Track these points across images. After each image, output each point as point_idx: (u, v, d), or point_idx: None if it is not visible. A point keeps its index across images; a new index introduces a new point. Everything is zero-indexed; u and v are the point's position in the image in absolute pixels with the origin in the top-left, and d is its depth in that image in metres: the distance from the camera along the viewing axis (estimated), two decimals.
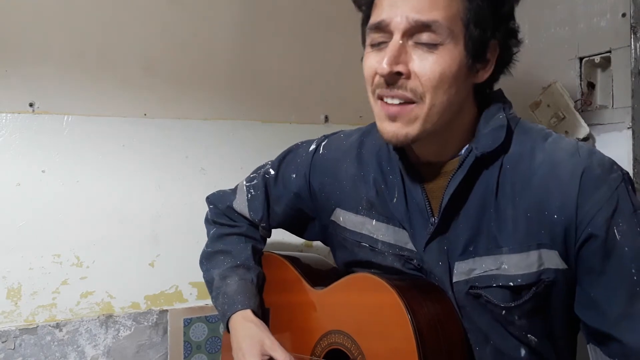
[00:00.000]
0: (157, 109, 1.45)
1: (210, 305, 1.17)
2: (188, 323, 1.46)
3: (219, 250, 1.19)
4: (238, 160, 1.54)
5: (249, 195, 1.20)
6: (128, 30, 1.41)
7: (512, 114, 0.93)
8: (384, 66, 0.83)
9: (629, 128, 1.38)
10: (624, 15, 1.39)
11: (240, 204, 1.21)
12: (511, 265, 0.87)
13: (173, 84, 1.46)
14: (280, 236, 1.35)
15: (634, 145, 1.36)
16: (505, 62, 0.93)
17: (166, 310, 1.44)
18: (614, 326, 0.83)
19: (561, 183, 0.85)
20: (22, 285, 1.30)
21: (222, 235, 1.21)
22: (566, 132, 1.47)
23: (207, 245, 1.23)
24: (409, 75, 0.84)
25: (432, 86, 0.84)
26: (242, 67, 1.55)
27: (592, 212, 0.83)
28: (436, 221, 0.93)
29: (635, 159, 1.36)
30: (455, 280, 0.92)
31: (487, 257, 0.89)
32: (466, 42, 0.85)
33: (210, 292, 1.16)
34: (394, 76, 0.84)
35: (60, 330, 1.33)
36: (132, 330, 1.40)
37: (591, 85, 1.50)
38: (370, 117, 0.93)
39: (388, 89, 0.86)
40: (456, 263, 0.92)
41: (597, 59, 1.45)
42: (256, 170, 1.24)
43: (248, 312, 1.08)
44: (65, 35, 1.34)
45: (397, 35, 0.84)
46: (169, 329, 1.44)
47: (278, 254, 1.22)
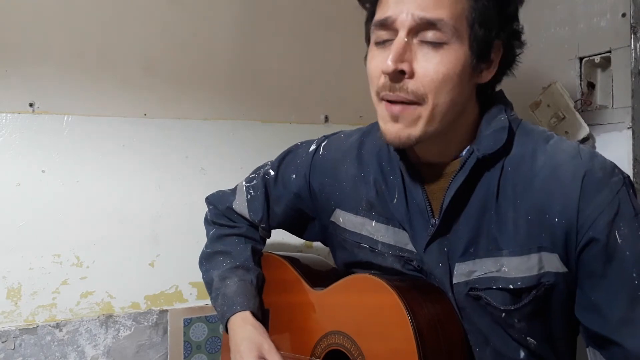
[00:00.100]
0: (157, 109, 1.45)
1: (210, 305, 1.17)
2: (188, 323, 1.46)
3: (218, 251, 1.19)
4: (238, 160, 1.53)
5: (249, 196, 1.20)
6: (128, 30, 1.41)
7: (513, 116, 0.93)
8: (389, 63, 0.83)
9: (629, 128, 1.38)
10: (624, 15, 1.39)
11: (240, 205, 1.20)
12: (511, 268, 0.87)
13: (173, 84, 1.46)
14: (280, 237, 1.35)
15: (634, 145, 1.36)
16: (508, 63, 0.93)
17: (166, 310, 1.44)
18: (615, 330, 0.83)
19: (562, 186, 0.85)
20: (22, 285, 1.30)
21: (222, 236, 1.21)
22: (566, 132, 1.46)
23: (206, 246, 1.22)
24: (412, 74, 0.84)
25: (435, 87, 0.83)
26: (242, 67, 1.55)
27: (594, 215, 0.83)
28: (437, 222, 0.93)
29: (635, 159, 1.36)
30: (455, 281, 0.92)
31: (488, 259, 0.89)
32: (471, 42, 0.85)
33: (210, 293, 1.16)
34: (398, 74, 0.84)
35: (60, 330, 1.33)
36: (132, 330, 1.40)
37: (591, 85, 1.50)
38: (370, 117, 0.93)
39: (391, 90, 0.85)
40: (456, 264, 0.92)
41: (597, 59, 1.45)
42: (256, 171, 1.24)
43: (247, 314, 1.08)
44: (65, 35, 1.34)
45: (402, 32, 0.83)
46: (169, 329, 1.44)
47: (278, 255, 1.22)
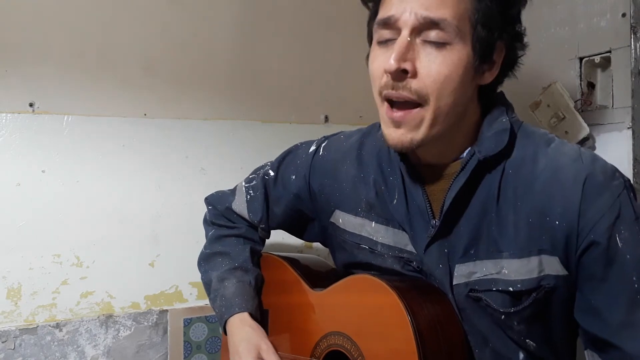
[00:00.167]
0: (157, 109, 1.45)
1: (210, 305, 1.17)
2: (188, 323, 1.46)
3: (217, 251, 1.19)
4: (238, 160, 1.53)
5: (248, 197, 1.19)
6: (128, 30, 1.41)
7: (514, 118, 0.93)
8: (392, 62, 0.82)
9: (629, 128, 1.38)
10: (624, 15, 1.38)
11: (240, 205, 1.20)
12: (511, 270, 0.87)
13: (173, 84, 1.46)
14: (279, 237, 1.35)
15: (634, 145, 1.36)
16: (510, 64, 0.93)
17: (166, 310, 1.44)
18: (615, 334, 0.83)
19: (564, 189, 0.85)
20: (22, 285, 1.30)
21: (221, 237, 1.21)
22: (566, 132, 1.46)
23: (205, 247, 1.22)
24: (415, 74, 0.83)
25: (438, 88, 0.83)
26: (242, 67, 1.55)
27: (595, 219, 0.83)
28: (437, 223, 0.93)
29: (635, 159, 1.36)
30: (455, 282, 0.92)
31: (488, 261, 0.89)
32: (474, 43, 0.84)
33: (208, 294, 1.16)
34: (401, 74, 0.83)
35: (60, 330, 1.33)
36: (132, 330, 1.40)
37: (591, 85, 1.50)
38: (371, 117, 0.93)
39: (394, 89, 0.85)
40: (456, 266, 0.92)
41: (597, 59, 1.45)
42: (255, 171, 1.23)
43: (245, 315, 1.08)
44: (65, 35, 1.34)
45: (405, 31, 0.83)
46: (169, 329, 1.44)
47: (277, 255, 1.21)
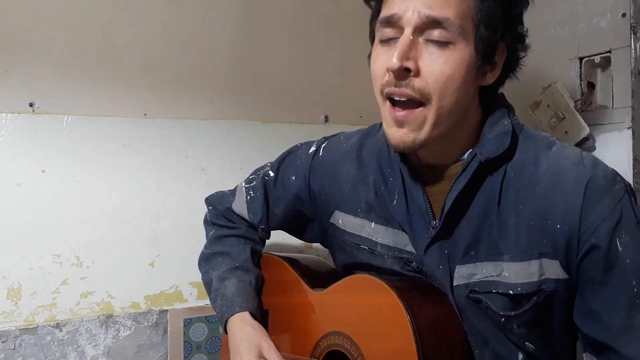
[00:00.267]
0: (157, 109, 1.45)
1: (210, 305, 1.17)
2: (188, 323, 1.46)
3: (217, 251, 1.19)
4: (238, 160, 1.53)
5: (248, 197, 1.19)
6: (128, 30, 1.41)
7: (515, 120, 0.93)
8: (394, 61, 0.82)
9: (629, 128, 1.38)
10: (624, 15, 1.38)
11: (240, 206, 1.20)
12: (512, 273, 0.87)
13: (173, 84, 1.46)
14: (280, 237, 1.35)
15: (634, 145, 1.36)
16: (511, 66, 0.93)
17: (166, 310, 1.44)
18: (614, 337, 0.83)
19: (565, 192, 0.85)
20: (22, 285, 1.30)
21: (221, 237, 1.21)
22: (566, 132, 1.46)
23: (205, 247, 1.22)
24: (418, 73, 0.83)
25: (440, 87, 0.83)
26: (242, 67, 1.55)
27: (596, 223, 0.83)
28: (438, 224, 0.92)
29: (635, 159, 1.36)
30: (455, 283, 0.92)
31: (488, 263, 0.89)
32: (476, 43, 0.84)
33: (209, 294, 1.16)
34: (403, 72, 0.83)
35: (60, 330, 1.33)
36: (132, 330, 1.40)
37: (591, 85, 1.50)
38: (371, 117, 0.93)
39: (396, 86, 0.84)
40: (457, 267, 0.92)
41: (597, 59, 1.45)
42: (255, 172, 1.24)
43: (246, 315, 1.08)
44: (65, 35, 1.34)
45: (408, 30, 0.83)
46: (169, 329, 1.44)
47: (277, 256, 1.22)
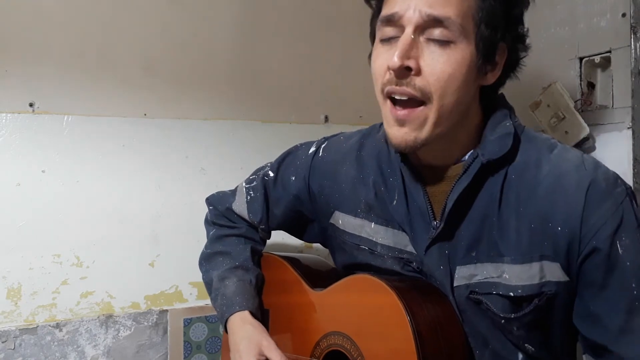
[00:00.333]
0: (157, 109, 1.45)
1: (210, 305, 1.17)
2: (188, 323, 1.46)
3: (218, 251, 1.19)
4: (238, 160, 1.53)
5: (248, 197, 1.19)
6: (128, 30, 1.41)
7: (517, 122, 0.93)
8: (395, 59, 0.82)
9: (629, 128, 1.38)
10: (624, 15, 1.39)
11: (240, 206, 1.20)
12: (512, 275, 0.87)
13: (173, 84, 1.46)
14: (280, 237, 1.35)
15: (634, 145, 1.36)
16: (512, 66, 0.92)
17: (166, 310, 1.44)
18: (613, 340, 0.83)
19: (567, 195, 0.85)
20: (22, 285, 1.30)
21: (221, 237, 1.21)
22: (566, 132, 1.46)
23: (206, 247, 1.22)
24: (419, 71, 0.83)
25: (441, 86, 0.83)
26: (242, 67, 1.55)
27: (597, 225, 0.83)
28: (438, 225, 0.92)
29: (635, 159, 1.36)
30: (456, 284, 0.92)
31: (489, 264, 0.89)
32: (477, 42, 0.84)
33: (209, 294, 1.16)
34: (404, 71, 0.83)
35: (60, 330, 1.33)
36: (132, 330, 1.40)
37: (591, 85, 1.50)
38: (371, 117, 0.93)
39: (397, 85, 0.84)
40: (457, 267, 0.92)
41: (597, 59, 1.45)
42: (255, 172, 1.24)
43: (246, 314, 1.08)
44: (65, 35, 1.34)
45: (409, 29, 0.83)
46: (169, 329, 1.44)
47: (277, 255, 1.22)
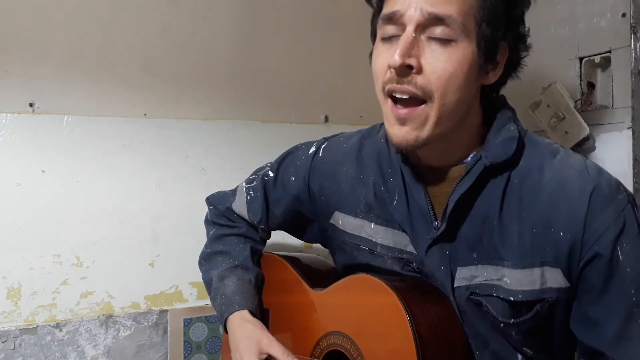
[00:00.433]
0: (157, 109, 1.45)
1: (210, 305, 1.17)
2: (188, 323, 1.46)
3: (217, 250, 1.19)
4: (238, 160, 1.54)
5: (248, 197, 1.19)
6: (128, 30, 1.41)
7: (519, 125, 0.93)
8: (396, 58, 0.81)
9: (629, 128, 1.38)
10: (624, 15, 1.39)
11: (240, 206, 1.20)
12: (513, 280, 0.87)
13: (173, 84, 1.46)
14: (280, 237, 1.35)
15: (634, 145, 1.36)
16: (513, 65, 0.92)
17: (166, 310, 1.44)
18: (610, 346, 0.84)
19: (570, 200, 0.85)
20: (22, 285, 1.30)
21: (221, 236, 1.21)
22: (566, 132, 1.47)
23: (206, 246, 1.22)
24: (420, 70, 0.83)
25: (443, 85, 0.82)
26: (242, 67, 1.55)
27: (600, 231, 0.83)
28: (440, 225, 0.92)
29: (635, 159, 1.36)
30: (456, 285, 0.92)
31: (489, 267, 0.89)
32: (478, 40, 0.84)
33: (209, 293, 1.16)
34: (405, 69, 0.83)
35: (60, 330, 1.33)
36: (132, 330, 1.40)
37: (591, 85, 1.50)
38: (371, 117, 0.93)
39: (398, 83, 0.84)
40: (458, 268, 0.92)
41: (597, 59, 1.45)
42: (255, 172, 1.23)
43: (245, 313, 1.08)
44: (65, 35, 1.34)
45: (410, 27, 0.82)
46: (169, 329, 1.44)
47: (277, 255, 1.22)
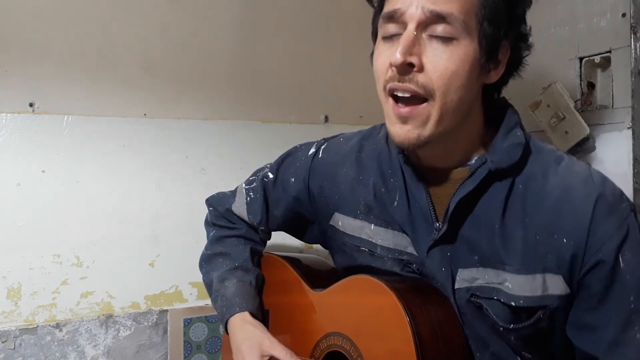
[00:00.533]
0: (157, 109, 1.45)
1: (210, 305, 1.17)
2: (188, 323, 1.46)
3: (217, 252, 1.18)
4: (238, 160, 1.54)
5: (248, 199, 1.19)
6: (128, 30, 1.41)
7: (525, 131, 0.92)
8: (398, 56, 0.81)
9: (629, 128, 1.38)
10: (624, 15, 1.39)
11: (239, 207, 1.20)
12: (515, 285, 0.87)
13: (173, 84, 1.46)
14: (280, 237, 1.35)
15: (634, 145, 1.36)
16: (515, 65, 0.92)
17: (166, 310, 1.44)
18: (605, 351, 0.84)
19: (574, 207, 0.85)
20: (22, 285, 1.30)
21: (221, 238, 1.20)
22: (566, 132, 1.47)
23: (206, 248, 1.22)
24: (421, 68, 0.82)
25: (444, 83, 0.82)
26: (242, 67, 1.55)
27: (604, 238, 0.83)
28: (441, 226, 0.92)
29: (635, 159, 1.36)
30: (457, 286, 0.92)
31: (490, 270, 0.89)
32: (480, 39, 0.83)
33: (210, 295, 1.16)
34: (406, 67, 0.82)
35: (60, 330, 1.33)
36: (132, 330, 1.40)
37: (591, 85, 1.50)
38: (371, 117, 0.93)
39: (400, 81, 0.83)
40: (459, 270, 0.91)
41: (597, 59, 1.45)
42: (255, 173, 1.23)
43: (246, 314, 1.08)
44: (65, 35, 1.34)
45: (411, 25, 0.82)
46: (169, 329, 1.44)
47: (278, 255, 1.22)
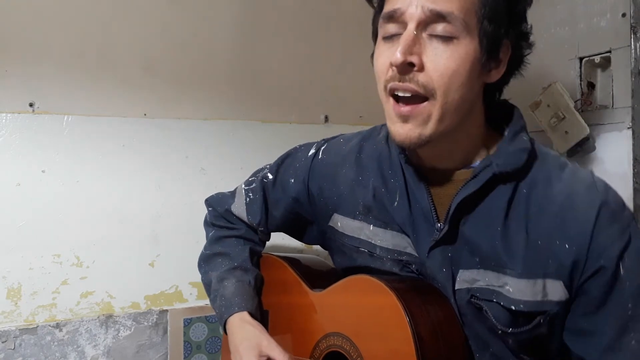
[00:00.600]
0: (157, 109, 1.45)
1: (210, 305, 1.17)
2: (188, 323, 1.46)
3: (217, 252, 1.18)
4: (238, 160, 1.54)
5: (248, 199, 1.19)
6: (128, 30, 1.41)
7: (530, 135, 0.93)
8: (398, 55, 0.81)
9: (629, 128, 1.38)
10: (624, 15, 1.39)
11: (239, 208, 1.20)
12: (516, 289, 0.86)
13: (173, 84, 1.46)
14: (280, 238, 1.34)
15: (634, 145, 1.36)
16: (516, 64, 0.92)
17: (166, 310, 1.44)
18: (600, 356, 0.84)
19: (577, 214, 0.85)
20: (22, 285, 1.30)
21: (221, 238, 1.21)
22: (566, 132, 1.47)
23: (205, 248, 1.22)
24: (422, 67, 0.82)
25: (445, 82, 0.82)
26: (242, 67, 1.55)
27: (606, 245, 0.83)
28: (442, 227, 0.91)
29: (635, 159, 1.36)
30: (457, 287, 0.92)
31: (491, 272, 0.89)
32: (480, 38, 0.83)
33: (209, 295, 1.16)
34: (407, 67, 0.82)
35: (60, 330, 1.33)
36: (132, 330, 1.41)
37: (591, 85, 1.50)
38: (371, 117, 0.93)
39: (400, 81, 0.83)
40: (460, 271, 0.91)
41: (597, 59, 1.45)
42: (255, 174, 1.23)
43: (245, 314, 1.08)
44: (65, 35, 1.35)
45: (411, 24, 0.82)
46: (169, 329, 1.44)
47: (277, 256, 1.21)
